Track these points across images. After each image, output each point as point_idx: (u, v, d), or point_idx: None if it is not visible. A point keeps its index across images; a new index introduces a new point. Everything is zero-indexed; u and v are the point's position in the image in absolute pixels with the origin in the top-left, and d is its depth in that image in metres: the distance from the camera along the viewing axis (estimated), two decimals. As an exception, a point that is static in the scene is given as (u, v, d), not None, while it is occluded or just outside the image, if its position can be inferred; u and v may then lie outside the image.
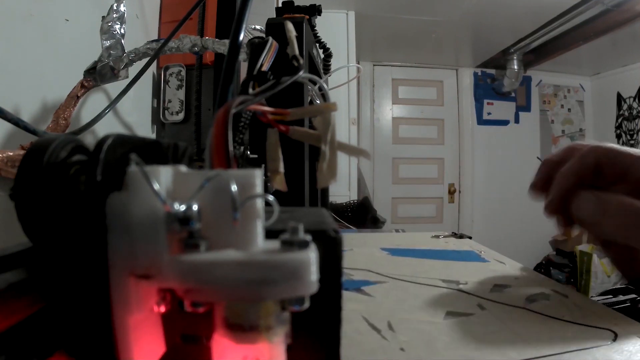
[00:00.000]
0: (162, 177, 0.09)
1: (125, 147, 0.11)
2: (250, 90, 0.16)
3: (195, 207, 0.09)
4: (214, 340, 0.10)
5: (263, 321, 0.09)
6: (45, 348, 0.12)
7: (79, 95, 0.54)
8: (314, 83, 0.18)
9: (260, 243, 0.09)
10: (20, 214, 0.11)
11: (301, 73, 0.15)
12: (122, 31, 0.55)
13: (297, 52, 0.15)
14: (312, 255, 0.09)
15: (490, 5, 1.65)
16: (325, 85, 0.16)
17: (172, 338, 0.12)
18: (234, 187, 0.09)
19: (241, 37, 0.18)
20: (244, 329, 0.09)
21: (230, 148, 0.10)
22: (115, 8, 0.55)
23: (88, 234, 0.09)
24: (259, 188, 0.09)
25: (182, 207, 0.09)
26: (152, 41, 0.57)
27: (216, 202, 0.09)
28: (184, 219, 0.09)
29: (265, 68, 0.21)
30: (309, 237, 0.09)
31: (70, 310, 0.10)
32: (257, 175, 0.09)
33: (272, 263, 0.08)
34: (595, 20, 1.71)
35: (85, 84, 0.54)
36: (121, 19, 0.55)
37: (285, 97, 0.16)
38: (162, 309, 0.11)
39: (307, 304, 0.09)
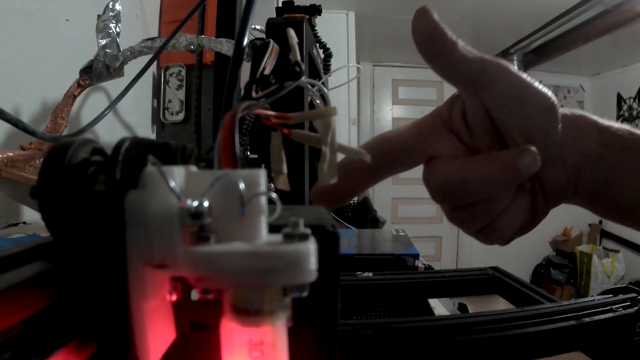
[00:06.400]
0: (176, 176, 0.10)
1: (140, 148, 0.12)
2: (254, 94, 0.17)
3: (206, 204, 0.10)
4: (222, 324, 0.11)
5: (267, 306, 0.10)
6: (62, 337, 0.13)
7: (75, 94, 0.54)
8: (314, 85, 0.19)
9: (264, 236, 0.10)
10: (43, 210, 0.12)
11: (303, 78, 0.16)
12: (118, 30, 0.56)
13: (299, 58, 0.16)
14: (311, 246, 0.10)
15: (490, 5, 1.66)
16: (325, 89, 0.17)
17: (181, 326, 0.13)
18: (242, 185, 0.10)
19: (245, 43, 0.19)
20: (250, 313, 0.10)
21: (237, 150, 0.11)
22: (110, 7, 0.55)
23: (108, 228, 0.10)
24: (263, 186, 0.10)
25: (195, 203, 0.10)
26: (147, 39, 0.56)
27: (224, 199, 0.10)
28: (196, 214, 0.10)
29: (267, 72, 0.22)
30: (308, 231, 0.10)
31: (90, 298, 0.11)
32: (262, 175, 0.10)
33: (275, 253, 0.09)
34: (595, 21, 1.71)
35: (82, 83, 0.54)
36: (117, 18, 0.55)
37: (286, 99, 0.17)
38: (174, 297, 0.12)
39: (306, 291, 0.10)
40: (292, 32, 0.18)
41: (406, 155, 0.20)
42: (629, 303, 0.28)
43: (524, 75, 0.19)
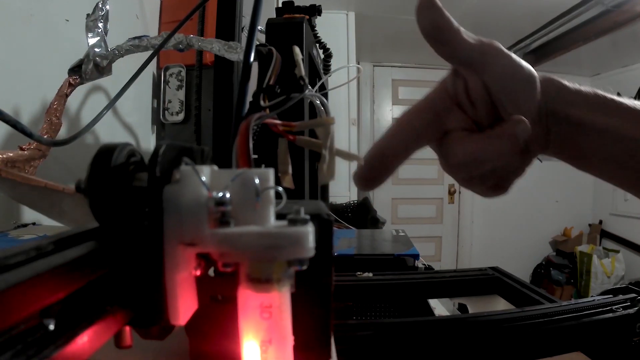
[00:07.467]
0: (204, 173, 0.13)
1: (172, 151, 0.14)
2: (262, 102, 0.20)
3: (227, 195, 0.12)
4: (239, 292, 0.13)
5: (275, 276, 0.13)
6: (105, 303, 0.15)
7: (67, 93, 0.53)
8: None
9: (273, 221, 0.13)
10: (92, 202, 0.15)
11: (307, 91, 0.18)
12: (107, 29, 0.56)
13: (303, 73, 0.19)
14: (310, 229, 0.12)
15: (490, 5, 1.67)
16: (325, 100, 0.20)
17: (202, 298, 0.16)
18: (257, 180, 0.12)
19: (252, 59, 0.22)
20: (261, 281, 0.13)
21: (251, 153, 0.14)
22: (100, 6, 0.55)
23: (149, 215, 0.13)
24: (272, 182, 0.13)
25: (219, 194, 0.12)
26: (134, 38, 0.56)
27: (242, 191, 0.13)
28: (220, 203, 0.12)
29: (272, 82, 0.24)
30: (308, 217, 0.13)
31: (132, 271, 0.14)
32: (272, 173, 0.13)
33: (282, 234, 0.12)
34: (595, 21, 1.72)
35: (72, 82, 0.54)
36: (105, 17, 0.56)
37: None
38: (198, 272, 0.15)
39: (306, 265, 0.13)
40: (297, 50, 0.21)
41: (428, 132, 0.23)
42: (628, 303, 0.29)
43: (513, 55, 0.22)
